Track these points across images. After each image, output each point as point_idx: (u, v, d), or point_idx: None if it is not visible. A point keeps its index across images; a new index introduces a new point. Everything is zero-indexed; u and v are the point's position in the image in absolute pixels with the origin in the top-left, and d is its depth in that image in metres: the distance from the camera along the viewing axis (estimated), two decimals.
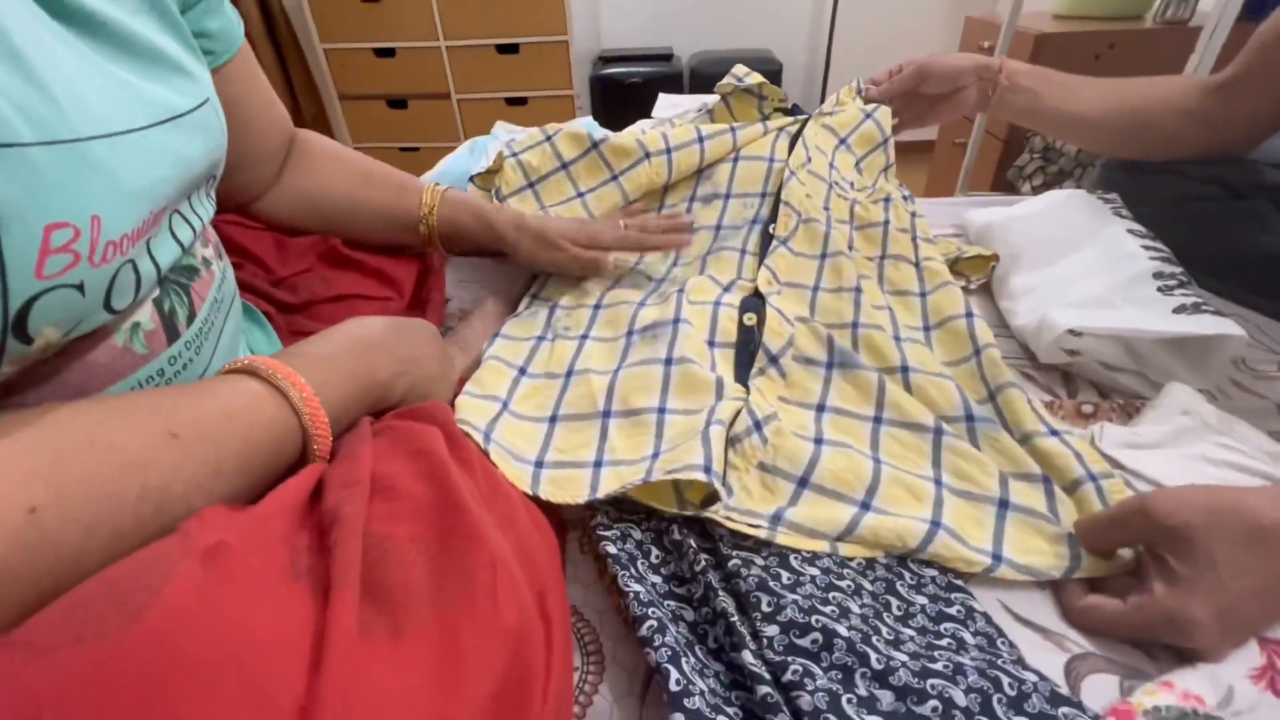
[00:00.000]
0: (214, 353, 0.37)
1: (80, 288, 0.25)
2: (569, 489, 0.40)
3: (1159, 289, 0.54)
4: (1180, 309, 0.51)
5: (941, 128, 1.96)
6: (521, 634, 0.24)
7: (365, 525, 0.26)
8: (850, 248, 0.64)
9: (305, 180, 0.56)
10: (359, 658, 0.21)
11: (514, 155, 0.69)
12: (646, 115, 0.97)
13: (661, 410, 0.45)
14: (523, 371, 0.52)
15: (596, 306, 0.59)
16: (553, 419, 0.47)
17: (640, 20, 2.49)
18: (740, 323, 0.54)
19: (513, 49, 2.18)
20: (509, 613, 0.24)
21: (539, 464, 0.43)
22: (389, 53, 2.22)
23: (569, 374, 0.51)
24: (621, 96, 2.26)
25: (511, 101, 2.29)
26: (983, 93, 0.74)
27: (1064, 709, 0.30)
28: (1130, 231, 0.62)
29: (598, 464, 0.43)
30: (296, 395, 0.31)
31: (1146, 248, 0.59)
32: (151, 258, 0.31)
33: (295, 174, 0.56)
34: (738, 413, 0.43)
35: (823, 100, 2.20)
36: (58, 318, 0.25)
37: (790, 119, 0.75)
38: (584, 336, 0.55)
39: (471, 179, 0.70)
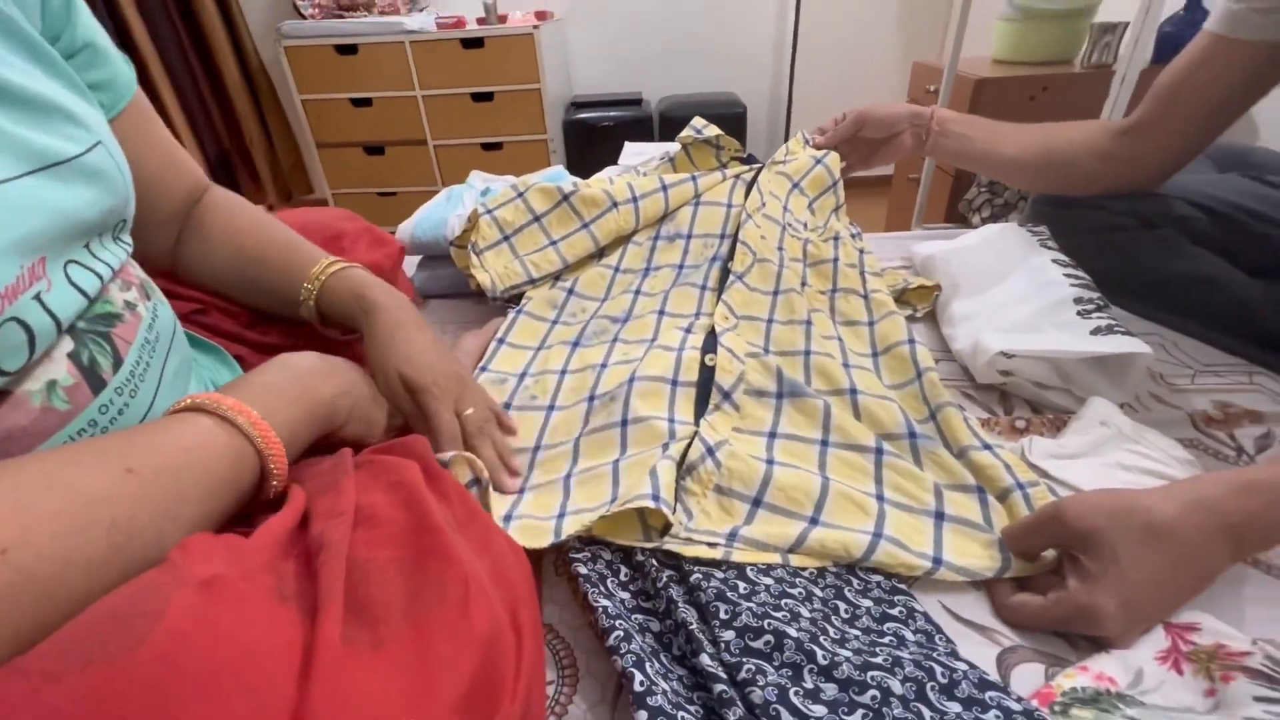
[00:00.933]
0: (156, 392, 0.37)
1: None
2: (535, 538, 0.42)
3: (1078, 313, 0.59)
4: (1097, 330, 0.57)
5: (897, 166, 2.07)
6: (492, 640, 0.27)
7: (349, 550, 0.28)
8: (803, 284, 0.69)
9: (193, 261, 0.53)
10: (344, 665, 0.24)
11: (489, 212, 0.74)
12: (617, 158, 1.03)
13: (617, 462, 0.48)
14: None
15: (563, 372, 0.61)
16: (521, 491, 0.49)
17: (610, 67, 2.61)
18: (702, 363, 0.57)
19: (487, 97, 2.26)
20: (480, 621, 0.27)
21: (507, 518, 0.45)
22: (366, 102, 2.29)
23: (536, 449, 0.52)
24: (594, 140, 2.34)
25: (487, 147, 2.36)
26: (917, 138, 0.81)
27: (990, 693, 0.33)
28: (1055, 261, 0.68)
29: (560, 515, 0.45)
30: (245, 421, 0.33)
31: (1068, 275, 0.65)
32: (47, 311, 0.30)
33: (187, 246, 0.52)
34: (689, 445, 0.47)
35: (787, 138, 2.30)
36: None
37: (746, 167, 0.81)
38: (550, 407, 0.57)
39: (451, 243, 0.74)
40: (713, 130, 0.85)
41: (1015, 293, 0.65)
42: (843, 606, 0.39)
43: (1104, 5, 1.59)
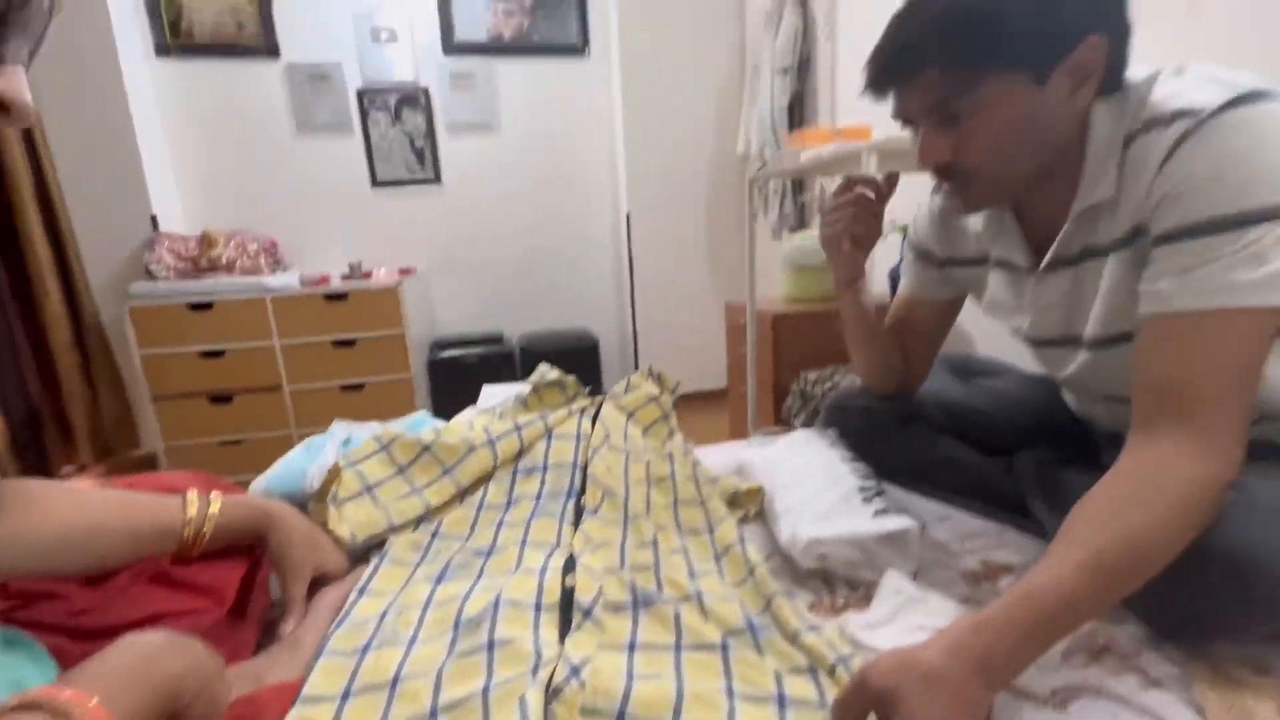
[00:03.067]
0: None
1: None
2: None
3: (862, 499, 0.74)
4: (878, 513, 0.71)
5: (730, 377, 2.41)
6: None
7: None
8: (648, 506, 0.78)
9: (15, 522, 0.50)
10: None
11: (352, 465, 0.77)
12: (479, 393, 1.14)
13: (486, 690, 0.48)
14: (345, 697, 0.51)
15: (426, 606, 0.61)
16: None
17: (472, 310, 2.86)
18: (563, 584, 0.61)
19: (349, 343, 2.34)
20: None
21: None
22: (218, 354, 2.26)
23: (394, 682, 0.51)
24: (458, 377, 2.46)
25: (347, 388, 2.37)
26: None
27: None
28: (841, 458, 0.84)
29: None
30: (80, 713, 0.32)
31: (852, 469, 0.81)
32: None
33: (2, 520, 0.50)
34: (555, 666, 0.50)
35: (636, 367, 2.58)
36: None
37: (590, 401, 0.95)
38: (412, 640, 0.56)
39: (311, 497, 0.76)
40: (555, 374, 1.00)
41: (815, 487, 0.79)
42: None
43: None
